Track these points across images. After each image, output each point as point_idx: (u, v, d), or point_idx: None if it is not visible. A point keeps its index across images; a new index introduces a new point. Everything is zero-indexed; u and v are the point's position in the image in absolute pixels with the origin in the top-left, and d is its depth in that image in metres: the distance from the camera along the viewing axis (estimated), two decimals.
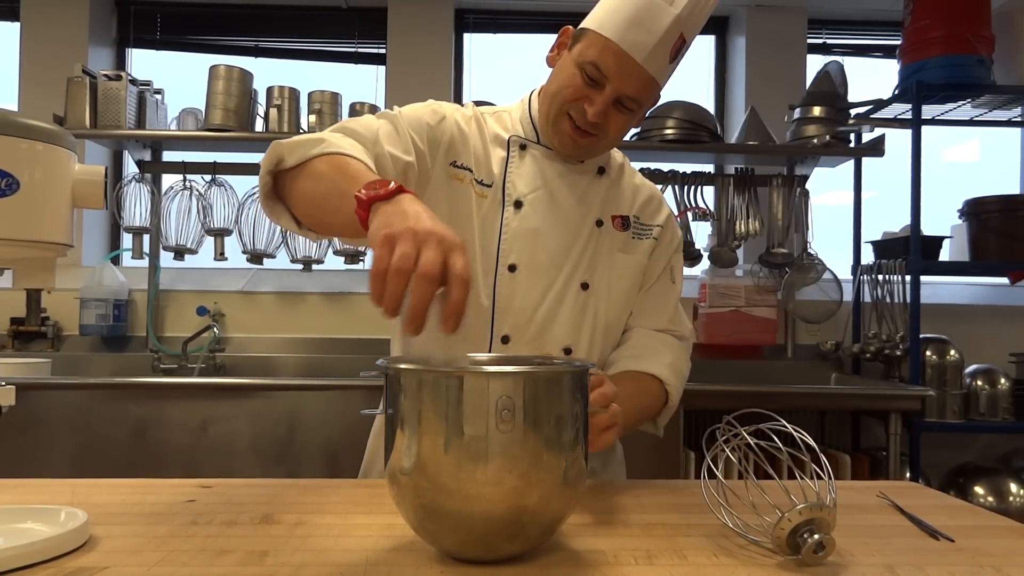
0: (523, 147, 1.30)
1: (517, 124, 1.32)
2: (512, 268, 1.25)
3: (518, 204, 1.26)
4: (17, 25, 3.25)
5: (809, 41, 3.47)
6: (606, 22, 1.18)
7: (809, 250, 3.10)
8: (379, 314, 0.78)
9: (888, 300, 2.92)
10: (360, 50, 3.51)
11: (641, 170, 1.98)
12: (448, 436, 0.77)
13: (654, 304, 1.37)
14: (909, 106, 2.77)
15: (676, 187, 3.08)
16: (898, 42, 2.93)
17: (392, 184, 0.86)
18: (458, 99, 3.46)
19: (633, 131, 3.07)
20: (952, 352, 2.88)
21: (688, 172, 3.10)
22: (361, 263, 3.19)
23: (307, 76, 3.40)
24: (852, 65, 3.18)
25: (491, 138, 1.30)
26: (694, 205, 3.09)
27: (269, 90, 2.97)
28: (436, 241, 0.78)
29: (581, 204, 1.30)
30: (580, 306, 1.28)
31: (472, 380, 0.78)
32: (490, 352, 1.24)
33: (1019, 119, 3.13)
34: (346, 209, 0.88)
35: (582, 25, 1.23)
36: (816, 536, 0.81)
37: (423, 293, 0.75)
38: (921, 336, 2.75)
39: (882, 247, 3.04)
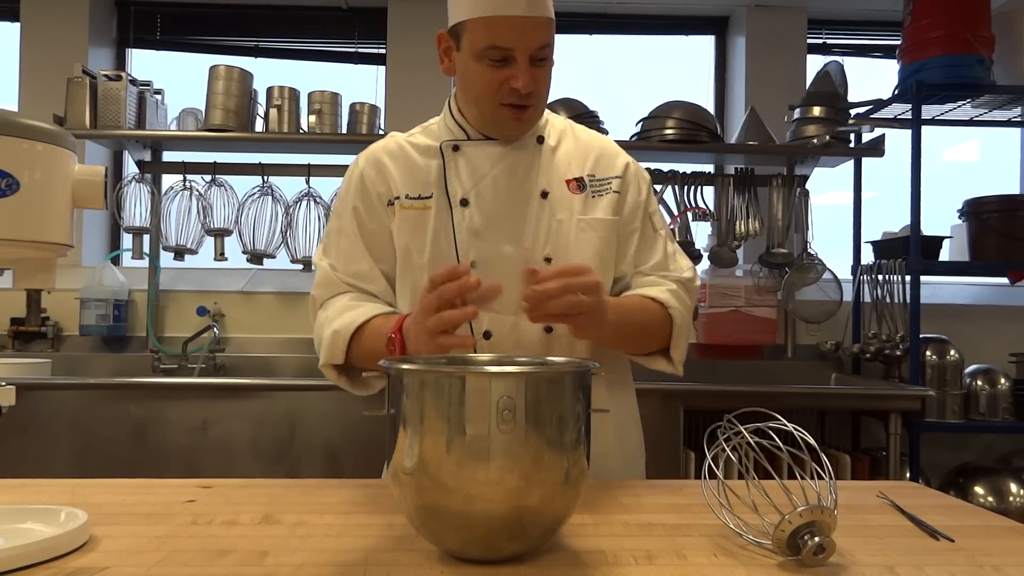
0: (455, 148, 1.32)
1: (444, 129, 1.35)
2: (474, 265, 1.25)
3: (464, 202, 1.28)
4: (17, 25, 3.25)
5: (809, 41, 3.47)
6: (473, 5, 1.19)
7: (809, 250, 3.10)
8: None
9: (888, 300, 2.92)
10: (360, 50, 3.51)
11: None
12: (450, 436, 0.77)
13: (641, 255, 1.36)
14: (909, 106, 2.76)
15: (676, 187, 3.08)
16: (898, 42, 2.93)
17: (388, 336, 1.16)
18: None
19: (633, 131, 3.07)
20: (952, 352, 2.87)
21: (688, 172, 3.10)
22: None
23: (307, 76, 3.39)
24: (852, 65, 3.18)
25: (422, 152, 1.33)
26: (694, 205, 3.09)
27: (269, 90, 2.97)
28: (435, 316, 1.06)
29: (526, 181, 1.31)
30: None
31: (474, 380, 0.79)
32: (475, 350, 1.24)
33: (1019, 119, 3.13)
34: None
35: (451, 25, 1.25)
36: (816, 539, 0.81)
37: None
38: (921, 336, 2.75)
39: (882, 247, 3.03)
